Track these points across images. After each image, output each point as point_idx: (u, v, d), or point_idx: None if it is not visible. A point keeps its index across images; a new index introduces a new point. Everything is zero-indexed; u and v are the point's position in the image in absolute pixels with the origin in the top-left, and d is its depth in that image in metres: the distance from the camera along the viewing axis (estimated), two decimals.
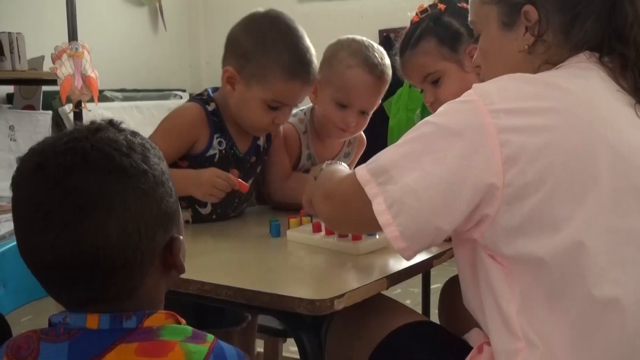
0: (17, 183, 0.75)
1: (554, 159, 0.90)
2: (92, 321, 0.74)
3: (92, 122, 0.79)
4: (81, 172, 0.72)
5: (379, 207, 0.96)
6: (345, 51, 1.62)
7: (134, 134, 0.80)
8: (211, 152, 1.54)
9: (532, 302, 0.93)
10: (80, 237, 0.71)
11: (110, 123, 0.79)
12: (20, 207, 0.74)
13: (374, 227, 0.98)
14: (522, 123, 0.91)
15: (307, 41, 1.51)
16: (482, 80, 1.10)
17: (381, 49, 1.66)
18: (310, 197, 1.27)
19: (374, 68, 1.60)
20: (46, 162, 0.73)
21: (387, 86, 1.65)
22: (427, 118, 0.99)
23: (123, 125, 0.80)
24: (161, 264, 0.79)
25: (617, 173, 0.91)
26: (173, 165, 1.49)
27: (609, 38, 1.00)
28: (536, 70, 1.03)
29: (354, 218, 1.07)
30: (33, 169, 0.73)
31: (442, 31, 1.48)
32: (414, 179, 0.94)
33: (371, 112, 1.69)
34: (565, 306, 0.91)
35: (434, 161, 0.93)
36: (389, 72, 1.64)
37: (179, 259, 0.80)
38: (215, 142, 1.54)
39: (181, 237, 0.81)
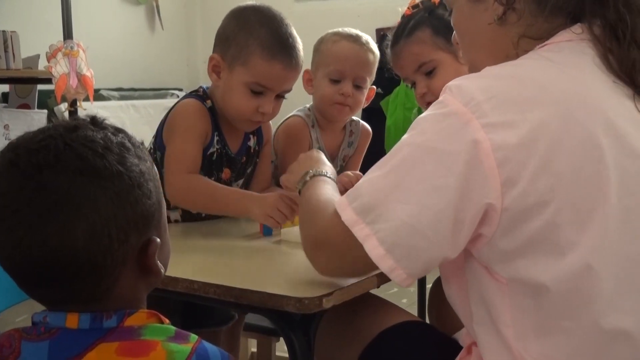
0: None
1: (557, 179, 0.81)
2: (72, 320, 0.73)
3: (74, 119, 0.77)
4: (52, 171, 0.70)
5: (377, 252, 0.86)
6: (329, 34, 1.75)
7: (117, 132, 0.77)
8: (211, 150, 1.53)
9: (527, 327, 0.86)
10: (46, 238, 0.69)
11: (92, 120, 0.77)
12: None
13: (371, 269, 0.92)
14: (520, 138, 0.81)
15: (293, 31, 1.50)
16: (462, 57, 1.06)
17: (366, 36, 1.76)
18: (287, 183, 1.27)
19: (358, 38, 1.71)
20: (18, 159, 0.71)
21: (375, 63, 1.73)
22: (405, 138, 0.89)
23: (106, 122, 0.78)
24: (137, 265, 0.76)
25: (625, 190, 0.83)
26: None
27: (589, 3, 0.91)
28: (515, 45, 0.94)
29: (349, 264, 0.95)
30: (6, 165, 0.72)
31: (436, 22, 1.47)
32: (412, 215, 0.84)
33: (365, 88, 1.74)
34: (568, 333, 0.84)
35: (431, 191, 0.84)
36: (375, 50, 1.73)
37: (154, 261, 0.77)
38: (215, 140, 1.53)
39: (158, 239, 0.77)
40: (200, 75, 5.17)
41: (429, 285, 1.93)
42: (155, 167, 0.81)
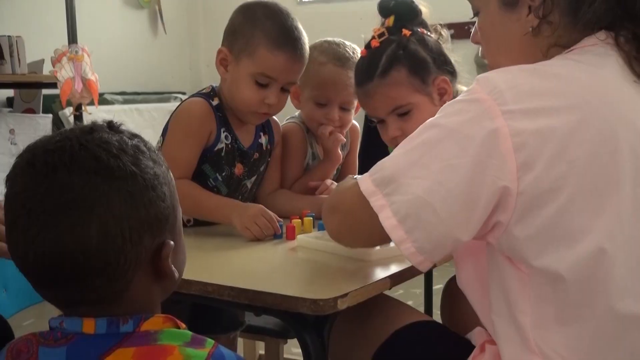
0: (9, 178, 0.75)
1: (572, 165, 0.83)
2: (89, 325, 0.73)
3: (92, 123, 0.78)
4: (66, 171, 0.71)
5: (390, 222, 0.90)
6: (317, 51, 1.68)
7: (133, 136, 0.78)
8: (219, 146, 1.56)
9: (547, 316, 0.88)
10: (59, 236, 0.70)
11: (109, 124, 0.78)
12: (9, 202, 0.74)
13: (381, 240, 0.95)
14: (538, 125, 0.84)
15: (298, 25, 1.53)
16: (486, 59, 1.06)
17: (354, 45, 1.71)
18: None
19: (346, 61, 1.65)
20: (35, 159, 0.73)
21: None
22: (431, 120, 0.93)
23: (122, 127, 0.79)
24: (151, 269, 0.77)
25: (639, 178, 0.85)
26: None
27: (620, 19, 0.92)
28: (545, 53, 0.96)
29: (360, 231, 1.00)
30: (23, 165, 0.74)
31: (411, 60, 1.40)
32: (426, 190, 0.88)
33: (352, 108, 1.72)
34: (584, 320, 0.86)
35: (446, 169, 0.87)
36: None
37: (167, 264, 0.78)
38: (222, 136, 1.56)
39: (172, 242, 0.78)
40: (203, 79, 5.18)
41: (435, 287, 1.94)
42: (170, 173, 0.82)
